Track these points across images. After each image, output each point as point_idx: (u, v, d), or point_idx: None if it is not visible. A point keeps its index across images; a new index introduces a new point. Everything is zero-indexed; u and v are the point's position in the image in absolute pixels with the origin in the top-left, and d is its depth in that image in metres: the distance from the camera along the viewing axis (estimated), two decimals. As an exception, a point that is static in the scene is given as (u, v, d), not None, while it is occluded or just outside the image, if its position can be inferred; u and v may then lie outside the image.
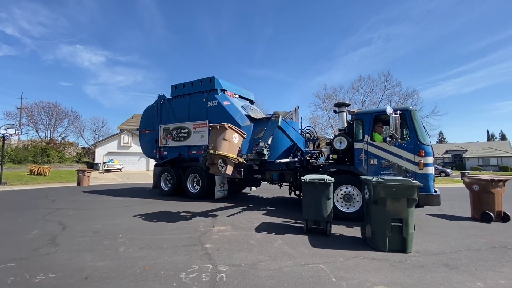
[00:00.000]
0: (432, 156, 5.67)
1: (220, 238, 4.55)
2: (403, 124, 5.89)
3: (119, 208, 7.36)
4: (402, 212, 3.98)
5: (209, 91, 9.05)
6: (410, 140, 5.76)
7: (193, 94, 9.49)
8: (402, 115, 5.77)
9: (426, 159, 5.55)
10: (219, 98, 8.71)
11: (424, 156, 5.56)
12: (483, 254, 3.97)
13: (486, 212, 6.13)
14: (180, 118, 9.63)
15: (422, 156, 5.56)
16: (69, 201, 8.58)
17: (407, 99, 25.41)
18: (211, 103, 8.86)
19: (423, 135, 5.73)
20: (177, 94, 9.96)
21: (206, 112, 8.94)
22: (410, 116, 5.83)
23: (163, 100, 10.19)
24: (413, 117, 5.82)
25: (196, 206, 7.63)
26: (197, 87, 9.39)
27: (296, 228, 5.31)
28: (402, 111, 5.83)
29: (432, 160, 5.66)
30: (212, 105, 8.82)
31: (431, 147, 5.76)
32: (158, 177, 10.27)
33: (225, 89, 9.15)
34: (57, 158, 27.40)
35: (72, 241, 4.32)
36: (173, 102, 9.98)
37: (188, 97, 9.56)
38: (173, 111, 9.86)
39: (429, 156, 5.59)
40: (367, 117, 6.27)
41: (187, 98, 9.59)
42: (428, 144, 5.68)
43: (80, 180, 13.67)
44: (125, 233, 4.79)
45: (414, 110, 6.00)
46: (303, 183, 5.01)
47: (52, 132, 34.28)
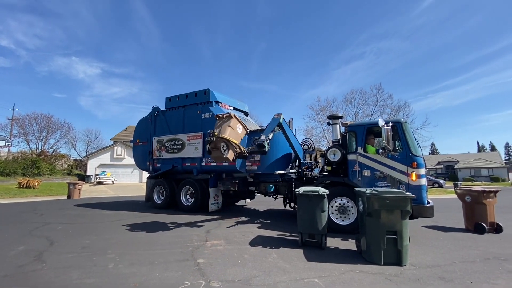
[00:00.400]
0: (424, 168, 5.73)
1: (214, 253, 4.45)
2: (395, 136, 5.97)
3: (110, 222, 7.17)
4: (396, 224, 3.98)
5: (204, 103, 9.08)
6: (402, 152, 5.83)
7: (187, 106, 9.51)
8: (393, 127, 5.87)
9: (419, 171, 5.61)
10: (214, 110, 8.74)
11: (416, 167, 5.61)
12: (477, 266, 3.96)
13: (479, 223, 6.16)
14: (174, 130, 9.59)
15: (414, 167, 5.62)
16: (58, 215, 8.34)
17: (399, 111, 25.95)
18: (205, 115, 8.88)
19: (415, 147, 5.82)
20: (171, 106, 9.97)
21: (200, 124, 8.94)
22: (401, 128, 5.93)
23: (157, 112, 10.17)
24: (404, 129, 5.92)
25: (189, 219, 7.49)
26: (192, 99, 9.42)
27: (291, 242, 5.23)
28: (393, 123, 5.94)
29: (424, 172, 5.72)
30: (206, 117, 8.84)
31: (423, 158, 5.84)
32: (151, 189, 10.09)
33: (220, 101, 9.20)
34: (47, 171, 26.78)
35: (59, 258, 4.17)
36: (167, 114, 9.97)
37: (183, 109, 9.57)
38: (167, 123, 9.83)
39: (421, 168, 5.65)
40: (360, 129, 6.35)
41: (181, 110, 9.60)
42: (420, 155, 5.75)
43: (70, 193, 13.34)
44: (115, 249, 4.65)
45: (405, 122, 6.11)
46: (298, 195, 4.98)
47: (44, 143, 33.70)
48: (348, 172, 6.32)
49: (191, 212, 8.70)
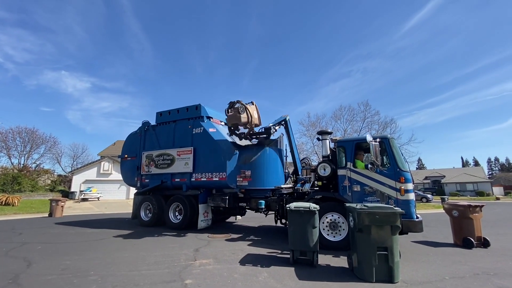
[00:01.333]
0: (411, 182, 5.83)
1: (202, 273, 4.29)
2: (383, 151, 6.09)
3: (93, 241, 6.85)
4: (387, 240, 3.98)
5: (195, 118, 9.07)
6: (390, 167, 5.92)
7: (178, 121, 9.47)
8: (381, 143, 5.99)
9: (407, 186, 5.69)
10: (205, 125, 8.73)
11: (404, 182, 5.70)
12: (467, 281, 3.97)
13: (467, 238, 6.24)
14: (164, 145, 9.47)
15: (402, 182, 5.70)
16: (38, 234, 7.91)
17: (386, 127, 26.57)
18: (196, 130, 8.84)
19: (402, 162, 5.94)
20: (162, 121, 9.91)
21: (191, 139, 8.87)
22: (388, 143, 6.06)
23: (147, 127, 10.07)
24: (391, 144, 6.06)
25: (177, 237, 7.25)
26: (183, 114, 9.40)
27: (282, 260, 5.12)
28: (381, 139, 6.07)
29: (412, 186, 5.80)
30: (197, 132, 8.80)
31: (410, 173, 5.95)
32: (138, 206, 9.76)
33: (211, 117, 9.22)
34: (29, 187, 25.64)
35: (37, 280, 3.92)
36: (157, 128, 9.87)
37: (174, 124, 9.51)
38: (157, 138, 9.72)
39: (409, 182, 5.74)
40: (349, 145, 6.45)
41: (172, 125, 9.54)
42: (407, 170, 5.87)
43: (52, 211, 12.75)
44: (98, 270, 4.41)
45: (392, 138, 6.26)
46: (289, 211, 4.94)
47: (27, 158, 32.49)
48: (339, 187, 6.35)
49: (180, 229, 8.44)
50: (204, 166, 8.47)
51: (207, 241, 6.84)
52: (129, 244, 6.44)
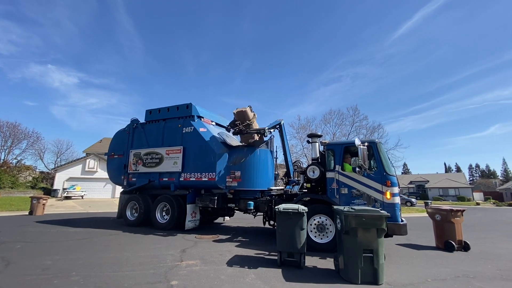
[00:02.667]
0: (397, 186, 5.97)
1: (188, 274, 4.23)
2: (370, 155, 6.22)
3: (76, 240, 6.64)
4: (372, 243, 4.05)
5: (186, 117, 8.97)
6: (377, 171, 6.05)
7: (168, 120, 9.34)
8: (369, 147, 6.12)
9: (393, 189, 5.83)
10: (196, 124, 8.64)
11: (390, 186, 5.84)
12: (448, 284, 4.09)
13: (449, 241, 6.44)
14: (153, 144, 9.30)
15: (388, 186, 5.84)
16: (17, 232, 7.59)
17: (373, 132, 27.14)
18: (186, 129, 8.74)
19: (389, 166, 6.08)
20: (151, 119, 9.74)
21: (181, 138, 8.76)
22: (376, 148, 6.20)
23: (136, 124, 9.87)
24: (379, 149, 6.20)
25: (164, 238, 7.13)
26: (173, 113, 9.28)
27: (269, 261, 5.12)
28: (369, 143, 6.20)
29: (397, 190, 5.95)
30: (187, 131, 8.70)
31: (396, 177, 6.10)
32: (124, 205, 9.52)
33: (202, 116, 9.14)
34: (8, 183, 24.67)
35: (15, 280, 3.75)
36: (146, 126, 9.70)
37: (163, 123, 9.37)
38: (146, 136, 9.54)
39: (395, 186, 5.89)
40: (338, 148, 6.56)
41: (162, 124, 9.39)
42: (394, 174, 6.01)
43: (33, 209, 12.27)
44: (80, 270, 4.28)
45: (379, 143, 6.41)
46: (277, 212, 4.95)
47: (7, 154, 31.32)
48: (327, 190, 6.44)
49: (167, 229, 8.31)
50: (193, 166, 8.38)
51: (194, 242, 6.76)
52: (114, 244, 6.28)
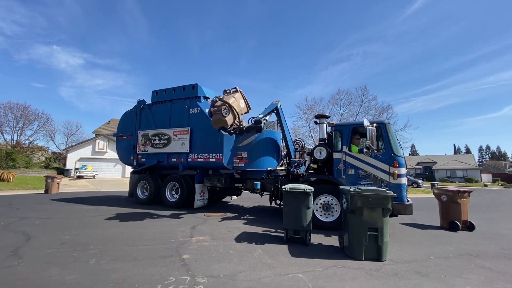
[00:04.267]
0: (405, 167, 5.96)
1: (199, 249, 4.44)
2: (379, 136, 6.16)
3: (91, 217, 6.96)
4: (377, 222, 4.13)
5: (192, 98, 8.94)
6: (385, 152, 6.03)
7: (174, 101, 9.33)
8: (378, 128, 6.05)
9: (400, 170, 5.83)
10: (202, 105, 8.63)
11: (398, 167, 5.83)
12: (451, 261, 4.19)
13: (453, 221, 6.50)
14: (160, 125, 9.40)
15: (396, 167, 5.83)
16: (35, 209, 7.99)
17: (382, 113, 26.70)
18: (193, 110, 8.75)
19: (397, 147, 6.04)
20: (158, 100, 9.75)
21: (188, 119, 8.81)
22: (385, 129, 6.13)
23: (143, 106, 9.91)
24: (388, 130, 6.13)
25: (174, 215, 7.40)
26: (180, 93, 9.24)
27: (276, 238, 5.31)
28: (378, 124, 6.12)
29: (405, 171, 5.95)
30: (194, 112, 8.72)
31: (404, 158, 6.08)
32: (134, 185, 9.84)
33: (208, 97, 9.08)
34: (23, 163, 25.53)
35: (37, 253, 4.01)
36: (153, 108, 9.74)
37: (170, 103, 9.39)
38: (153, 117, 9.61)
39: (402, 167, 5.88)
40: (346, 129, 6.51)
41: (168, 104, 9.41)
42: (402, 155, 5.98)
43: (48, 187, 12.79)
44: (97, 244, 4.53)
45: (388, 124, 6.32)
46: (284, 192, 5.05)
47: (19, 135, 32.13)
48: (333, 170, 6.48)
49: (176, 208, 8.60)
50: (201, 146, 8.49)
51: (203, 219, 7.01)
52: (127, 221, 6.56)
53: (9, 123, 31.27)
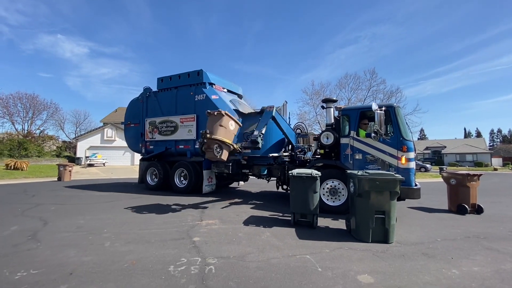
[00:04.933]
0: (413, 152, 5.89)
1: (209, 232, 4.57)
2: (388, 120, 6.06)
3: (103, 203, 7.19)
4: (385, 205, 4.14)
5: (197, 84, 8.90)
6: (393, 136, 5.96)
7: (180, 88, 9.31)
8: (386, 111, 5.95)
9: (408, 154, 5.77)
10: (207, 92, 8.60)
11: (406, 151, 5.77)
12: (458, 243, 4.21)
13: (462, 204, 6.47)
14: (166, 112, 9.44)
15: (404, 151, 5.77)
16: (49, 196, 8.28)
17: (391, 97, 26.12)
18: (199, 97, 8.73)
19: (406, 131, 5.94)
20: (163, 87, 9.73)
21: (193, 106, 8.81)
22: (394, 112, 6.02)
23: (149, 93, 9.94)
24: (397, 113, 6.01)
25: (183, 200, 7.57)
26: (185, 80, 9.20)
27: (283, 221, 5.40)
28: (386, 108, 6.01)
29: (413, 155, 5.88)
30: (200, 99, 8.70)
31: (413, 143, 6.00)
32: (144, 171, 10.06)
33: (213, 83, 9.03)
34: (35, 152, 26.18)
35: (54, 237, 4.20)
36: (159, 95, 9.75)
37: (175, 90, 9.38)
38: (160, 105, 9.65)
39: (411, 152, 5.81)
40: (354, 113, 6.42)
41: (174, 92, 9.40)
42: (411, 140, 5.90)
43: (61, 175, 13.19)
44: (110, 228, 4.70)
45: (398, 107, 6.20)
46: (291, 177, 5.08)
47: (30, 124, 32.70)
48: (340, 155, 6.45)
49: (185, 193, 8.78)
50: None
51: (212, 204, 7.15)
52: (138, 206, 6.76)
53: (19, 113, 31.80)
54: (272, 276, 2.93)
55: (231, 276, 2.90)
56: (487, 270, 3.18)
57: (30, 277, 2.81)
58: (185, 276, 2.87)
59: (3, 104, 30.75)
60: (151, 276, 2.88)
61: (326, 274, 2.99)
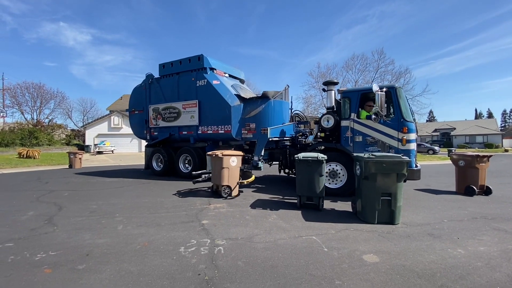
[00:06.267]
0: (415, 133, 5.88)
1: (217, 215, 4.68)
2: (389, 101, 5.99)
3: (114, 188, 7.39)
4: (391, 187, 4.15)
5: (198, 70, 8.85)
6: (394, 117, 5.92)
7: (181, 73, 9.27)
8: (388, 92, 5.86)
9: (409, 136, 5.75)
10: (208, 77, 8.54)
11: (407, 132, 5.74)
12: (465, 224, 4.22)
13: (470, 186, 6.42)
14: (169, 98, 9.48)
15: (405, 132, 5.74)
16: (62, 183, 8.54)
17: (399, 78, 25.37)
18: (200, 82, 8.69)
19: (407, 113, 5.89)
20: (165, 73, 9.71)
21: (195, 92, 8.80)
22: (395, 93, 5.92)
23: (151, 80, 9.94)
24: (398, 94, 5.92)
25: (191, 185, 7.71)
26: (186, 65, 9.15)
27: (289, 204, 5.48)
28: (388, 89, 5.92)
29: (415, 137, 5.86)
30: (201, 84, 8.67)
31: (415, 124, 5.96)
32: (149, 157, 10.26)
33: (215, 68, 8.95)
34: (46, 141, 26.74)
35: (69, 221, 4.37)
36: (161, 81, 9.75)
37: (177, 76, 9.35)
38: (162, 91, 9.66)
39: (412, 133, 5.79)
40: (354, 95, 6.35)
41: (175, 77, 9.38)
42: (412, 121, 5.86)
43: (72, 163, 13.52)
44: (122, 212, 4.86)
45: (399, 88, 6.09)
46: (297, 161, 5.10)
47: (39, 114, 33.21)
48: (341, 138, 6.46)
49: (190, 178, 8.90)
50: (209, 119, 8.59)
51: (219, 189, 7.26)
52: (147, 191, 6.93)
53: (27, 102, 32.25)
54: (279, 256, 3.01)
55: (239, 256, 2.99)
56: (494, 250, 3.20)
57: (49, 258, 2.96)
58: (195, 257, 2.98)
59: (11, 94, 31.19)
60: (163, 256, 3.00)
61: (332, 254, 3.06)
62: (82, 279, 2.53)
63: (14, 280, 2.52)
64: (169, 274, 2.60)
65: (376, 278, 2.54)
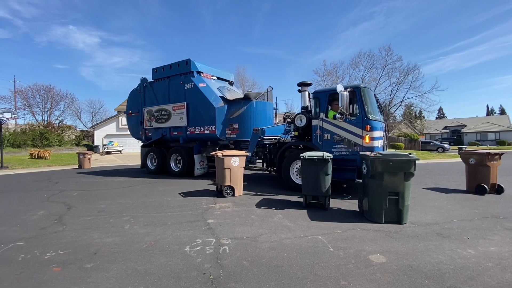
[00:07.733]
0: (380, 131, 6.07)
1: (222, 214, 4.70)
2: (354, 101, 6.19)
3: (122, 188, 7.49)
4: (399, 186, 4.08)
5: (186, 73, 9.21)
6: (359, 116, 6.07)
7: (172, 77, 9.68)
8: (353, 92, 6.09)
9: (372, 133, 5.92)
10: (195, 80, 8.90)
11: (370, 130, 5.91)
12: (475, 223, 4.12)
13: (481, 184, 6.27)
14: (161, 101, 9.93)
15: (368, 130, 5.92)
16: (72, 182, 8.71)
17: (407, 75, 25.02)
18: (188, 85, 9.06)
19: (372, 111, 6.11)
20: (157, 77, 10.14)
21: (184, 95, 9.17)
22: (360, 93, 6.12)
23: (145, 83, 10.44)
24: (362, 94, 6.11)
25: (197, 184, 7.77)
26: (175, 69, 9.55)
27: (295, 203, 5.45)
28: (353, 89, 6.15)
29: (379, 134, 6.07)
30: (189, 87, 9.03)
31: (382, 122, 6.26)
32: (144, 157, 10.79)
33: (202, 72, 9.32)
34: (56, 142, 27.34)
35: (78, 220, 4.45)
36: (154, 85, 10.20)
37: (168, 80, 9.77)
38: (155, 94, 10.13)
39: (376, 131, 5.96)
40: (323, 95, 6.61)
41: (167, 81, 9.82)
42: (376, 119, 6.06)
43: (81, 163, 13.78)
44: (129, 212, 4.92)
45: (364, 88, 6.29)
46: (302, 160, 5.09)
47: (49, 115, 33.92)
48: (312, 137, 6.68)
49: (180, 177, 9.32)
50: (197, 120, 8.95)
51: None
52: (154, 191, 7.00)
53: (38, 104, 32.98)
54: (284, 255, 3.00)
55: (244, 256, 3.00)
56: (505, 250, 3.12)
57: (58, 257, 3.03)
58: (200, 256, 2.99)
59: (22, 96, 31.94)
60: (169, 255, 3.02)
61: (338, 254, 3.03)
62: (89, 277, 2.57)
63: (24, 278, 2.58)
64: (175, 273, 2.62)
65: (382, 279, 2.50)
